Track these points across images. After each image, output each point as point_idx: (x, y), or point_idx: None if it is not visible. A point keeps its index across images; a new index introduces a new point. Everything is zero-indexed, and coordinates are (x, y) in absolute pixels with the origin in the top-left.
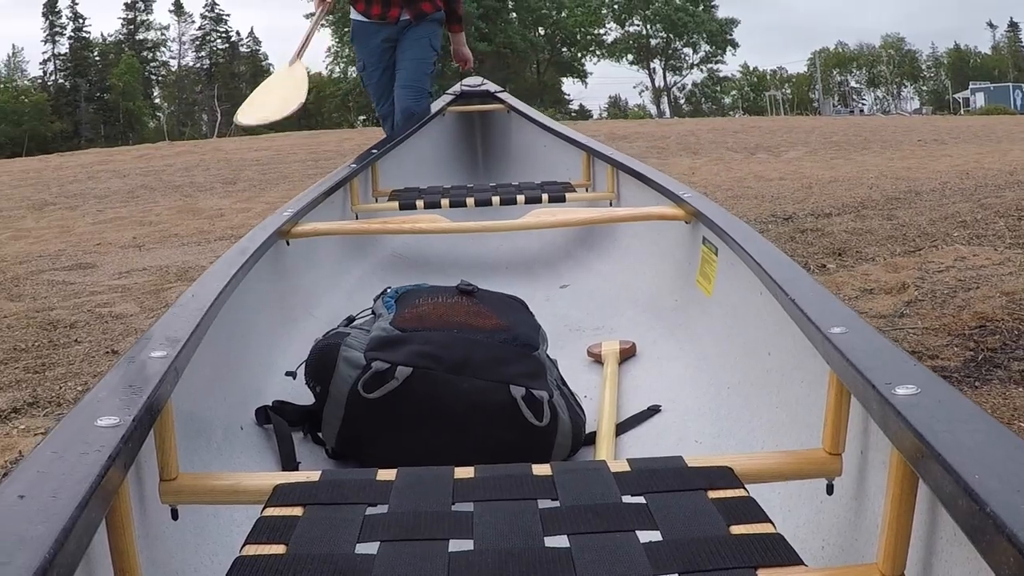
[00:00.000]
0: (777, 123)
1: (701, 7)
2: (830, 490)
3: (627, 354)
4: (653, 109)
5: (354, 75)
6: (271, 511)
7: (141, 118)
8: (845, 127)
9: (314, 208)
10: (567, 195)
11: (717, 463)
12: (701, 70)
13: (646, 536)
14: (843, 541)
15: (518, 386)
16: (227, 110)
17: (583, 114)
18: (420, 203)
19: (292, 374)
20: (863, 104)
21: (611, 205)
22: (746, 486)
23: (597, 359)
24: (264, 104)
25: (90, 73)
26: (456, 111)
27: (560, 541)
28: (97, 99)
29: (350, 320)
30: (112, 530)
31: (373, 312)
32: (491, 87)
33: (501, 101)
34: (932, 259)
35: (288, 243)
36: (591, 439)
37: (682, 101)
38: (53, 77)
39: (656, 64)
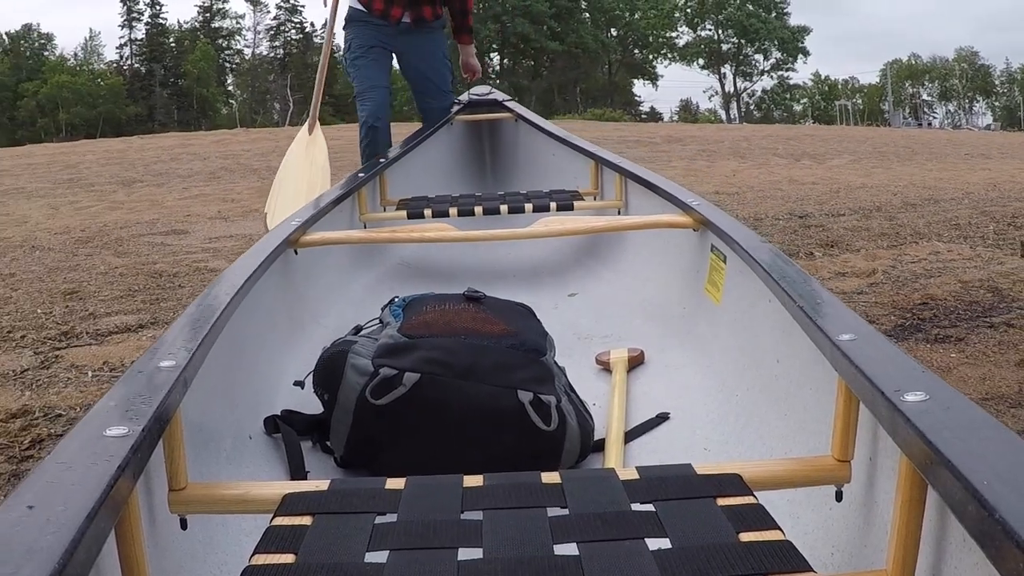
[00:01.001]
0: (834, 132)
1: (774, 14)
2: (839, 497)
3: (635, 362)
4: (724, 114)
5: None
6: (280, 520)
7: (214, 104)
8: (899, 139)
9: (322, 217)
10: (575, 203)
11: (726, 470)
12: (771, 77)
13: (655, 544)
14: (852, 548)
15: (526, 391)
16: (300, 100)
17: (654, 116)
18: (428, 212)
19: (300, 384)
20: (934, 117)
21: (619, 213)
22: (755, 493)
23: (605, 367)
24: (293, 205)
25: (165, 59)
26: (464, 120)
27: (569, 549)
28: (171, 84)
29: (358, 329)
30: (121, 540)
31: (381, 321)
32: (499, 96)
33: (509, 110)
34: (909, 252)
35: (296, 252)
36: (600, 446)
37: (752, 107)
38: (129, 62)
39: (727, 69)
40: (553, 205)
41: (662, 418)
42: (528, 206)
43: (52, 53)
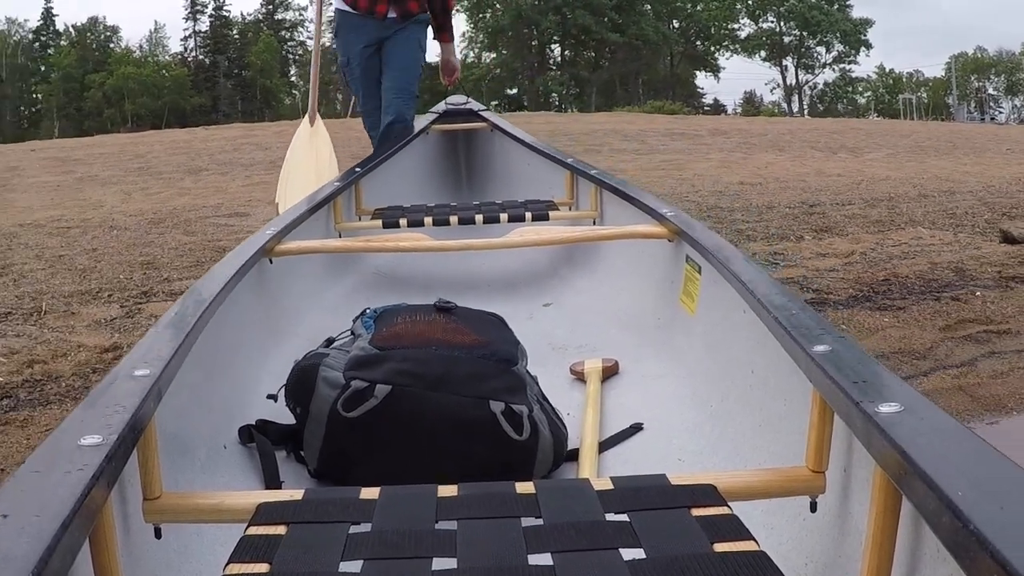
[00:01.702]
0: (881, 126)
1: (836, 6)
2: (813, 508)
3: (610, 372)
4: (787, 107)
5: (488, 60)
6: (254, 530)
7: (277, 95)
8: (945, 133)
9: (298, 226)
10: (550, 213)
11: (700, 481)
12: (833, 70)
13: (629, 554)
14: (826, 558)
15: (497, 401)
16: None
17: (717, 109)
18: (403, 221)
19: (273, 397)
20: (999, 112)
21: (595, 223)
22: (729, 504)
23: (580, 377)
24: (304, 191)
25: (229, 50)
26: (440, 129)
27: (543, 559)
28: (235, 76)
29: (330, 341)
30: (96, 548)
31: (352, 333)
32: (475, 106)
33: (484, 120)
34: (892, 237)
35: (271, 261)
36: (573, 455)
37: (816, 100)
38: (193, 53)
39: (788, 62)
40: (528, 215)
41: (636, 428)
42: (503, 216)
43: (118, 45)
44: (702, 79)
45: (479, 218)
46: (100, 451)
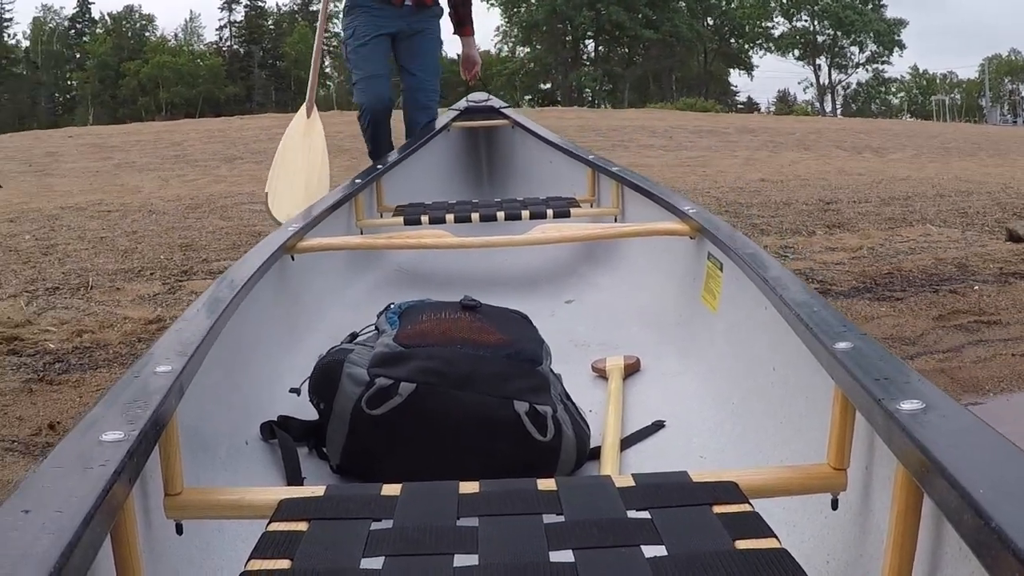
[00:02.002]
0: (909, 127)
1: (870, 6)
2: (835, 505)
3: (631, 369)
4: (820, 106)
5: (522, 54)
6: (276, 526)
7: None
8: (972, 135)
9: (319, 223)
10: (572, 210)
11: (722, 478)
12: (867, 70)
13: (651, 551)
14: (848, 556)
15: (522, 401)
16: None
17: (751, 107)
18: (425, 218)
19: (296, 391)
20: None
21: (616, 221)
22: (751, 501)
23: (601, 374)
24: (291, 190)
25: (264, 41)
26: (461, 127)
27: (565, 556)
28: (270, 66)
29: (353, 336)
30: (117, 545)
31: (376, 328)
32: (496, 103)
33: (506, 116)
34: (902, 233)
35: (293, 258)
36: (595, 454)
37: (849, 100)
38: (228, 43)
39: (822, 61)
40: (550, 212)
41: (658, 426)
42: (525, 213)
43: (153, 34)
44: (736, 77)
45: (500, 215)
46: (122, 447)
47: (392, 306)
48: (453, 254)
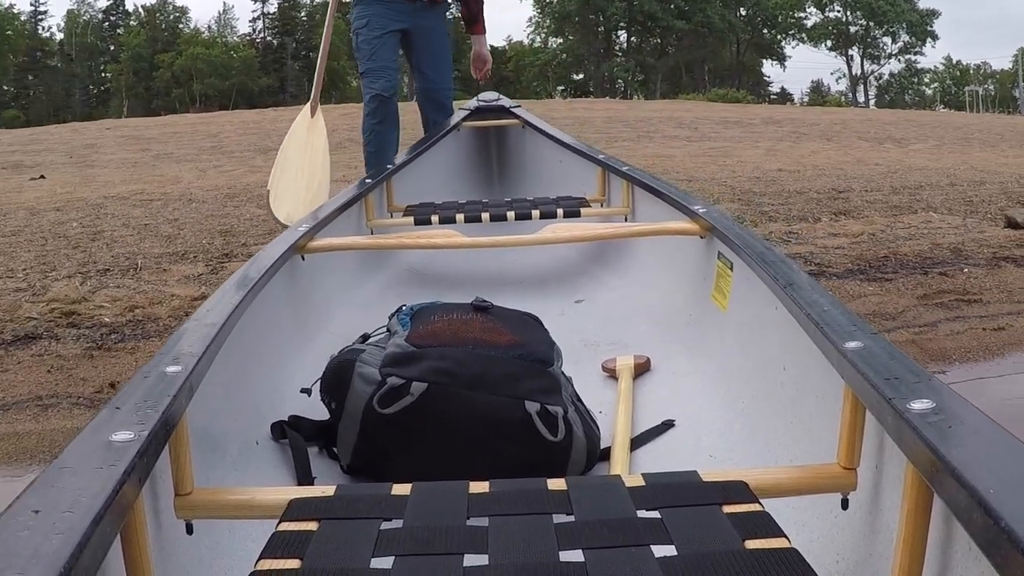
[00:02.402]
0: (936, 118)
1: None
2: (845, 505)
3: (641, 369)
4: (853, 97)
5: (554, 45)
6: (286, 526)
7: (344, 77)
8: (997, 126)
9: (330, 223)
10: (582, 210)
11: (732, 478)
12: (899, 60)
13: (661, 551)
14: (858, 556)
15: (533, 402)
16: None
17: (784, 97)
18: (435, 218)
19: (307, 391)
20: None
21: (626, 220)
22: (761, 501)
23: (612, 374)
24: (293, 189)
25: (297, 32)
26: (471, 126)
27: (575, 556)
28: (303, 57)
29: (365, 337)
30: (127, 544)
31: (388, 329)
32: (506, 102)
33: (516, 116)
34: (904, 220)
35: (303, 258)
36: (606, 454)
37: (882, 91)
38: (261, 35)
39: (854, 51)
40: (560, 212)
41: (668, 425)
42: (535, 212)
43: (187, 26)
44: (768, 67)
45: (511, 215)
46: (132, 447)
47: (404, 307)
48: (463, 254)
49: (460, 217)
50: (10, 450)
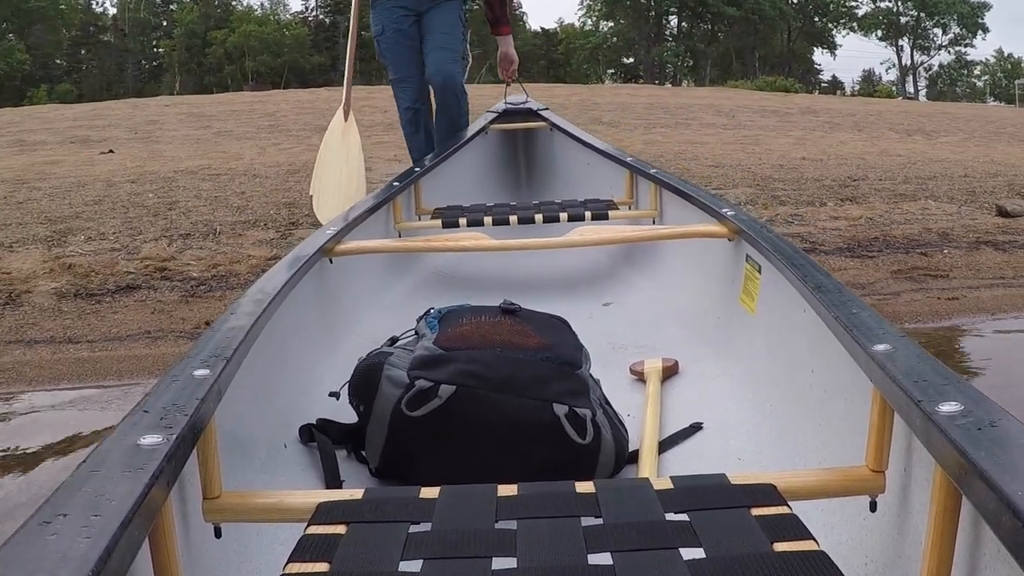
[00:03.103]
0: (974, 111)
1: None
2: (873, 507)
3: (670, 372)
4: (905, 87)
5: (605, 28)
6: (314, 529)
7: None
8: None
9: (357, 226)
10: (610, 213)
11: (760, 480)
12: (949, 52)
13: (689, 553)
14: (886, 558)
15: (561, 404)
16: (478, 55)
17: (835, 86)
18: (463, 221)
19: (336, 395)
20: None
21: (654, 223)
22: (789, 503)
23: (640, 377)
24: (333, 192)
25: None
26: (499, 129)
27: (603, 558)
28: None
29: (393, 340)
30: (155, 548)
31: (416, 332)
32: (534, 105)
33: (544, 119)
34: (903, 207)
35: (331, 261)
36: (634, 457)
37: (934, 82)
38: (314, 13)
39: (904, 42)
40: (588, 214)
41: (696, 428)
42: (563, 215)
43: (239, 3)
44: (819, 56)
45: (539, 217)
46: (160, 451)
47: (432, 310)
48: (491, 256)
49: (488, 220)
50: (132, 368)
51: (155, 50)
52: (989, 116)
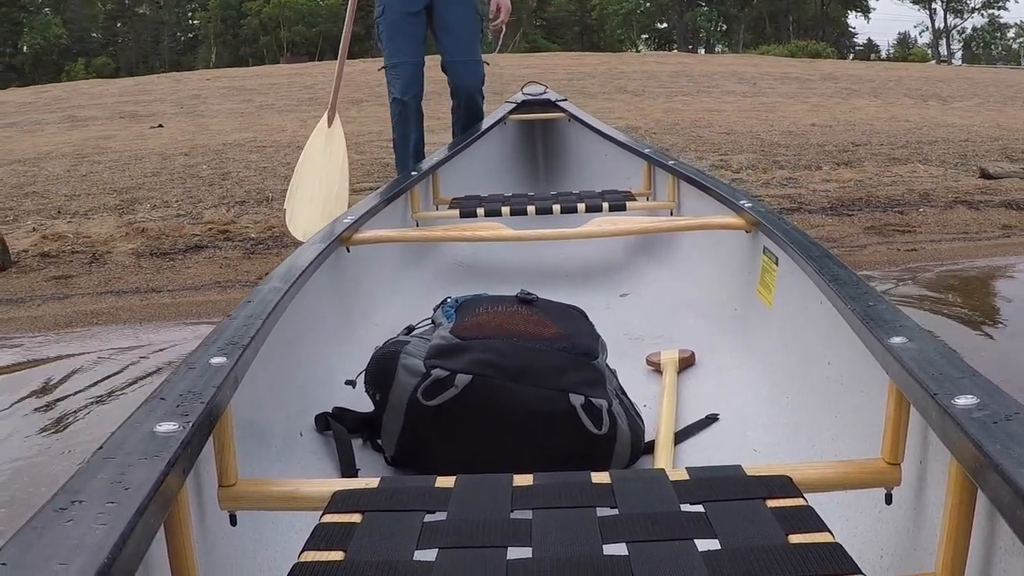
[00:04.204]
0: (997, 76)
1: None
2: (889, 500)
3: (686, 363)
4: (936, 51)
5: None
6: (330, 517)
7: None
8: None
9: (375, 215)
10: (628, 204)
11: (776, 472)
12: (982, 14)
13: (704, 545)
14: (902, 551)
15: (577, 394)
16: (511, 21)
17: (869, 50)
18: (481, 211)
19: (352, 383)
20: None
21: (672, 214)
22: (805, 495)
23: (656, 368)
24: (310, 205)
25: None
26: (517, 119)
27: (618, 549)
28: None
29: (410, 329)
30: (171, 535)
31: (433, 321)
32: (552, 95)
33: (562, 110)
34: (893, 170)
35: (349, 250)
36: (650, 448)
37: (968, 45)
38: None
39: (937, 5)
40: (605, 205)
41: (712, 419)
42: (581, 206)
43: None
44: (853, 19)
45: (556, 208)
46: (176, 438)
47: (449, 300)
48: (509, 247)
49: (506, 210)
50: (208, 311)
51: (190, 22)
52: (1009, 80)
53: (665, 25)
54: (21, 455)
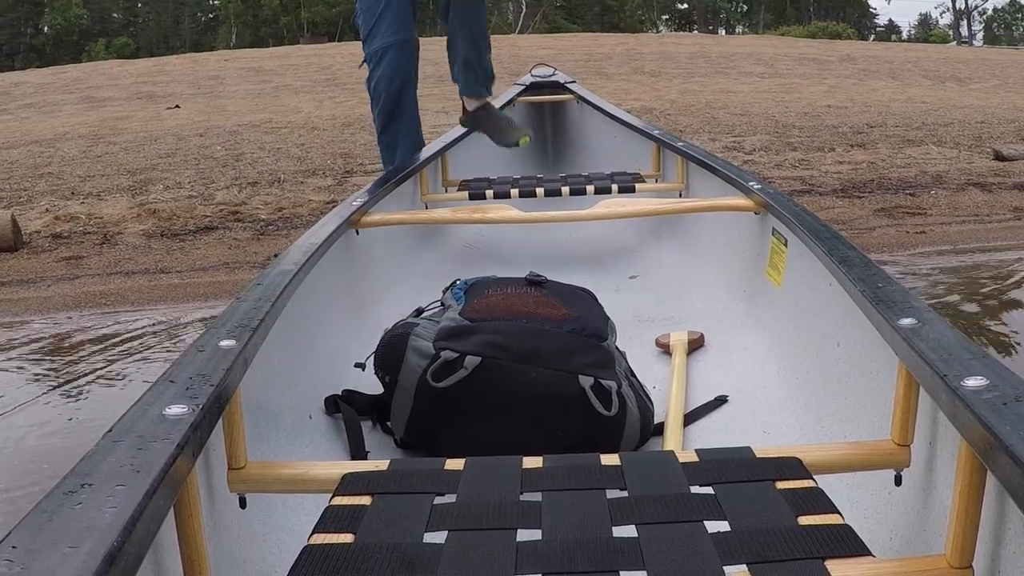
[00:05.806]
0: (1016, 58)
1: None
2: (898, 481)
3: (695, 345)
4: (961, 31)
5: None
6: (339, 500)
7: None
8: None
9: (384, 197)
10: (636, 186)
11: (785, 454)
12: None
13: (714, 526)
14: (911, 532)
15: (586, 376)
16: (532, 2)
17: (891, 30)
18: (490, 193)
19: (361, 366)
20: None
21: (681, 196)
22: (814, 477)
23: (665, 350)
24: None
25: None
26: (526, 101)
27: (628, 531)
28: None
29: (419, 311)
30: (180, 518)
31: (442, 304)
32: (561, 77)
33: (571, 92)
34: (906, 151)
35: (358, 232)
36: (659, 430)
37: (989, 25)
38: None
39: None
40: (614, 187)
41: (721, 401)
42: (590, 188)
43: None
44: (875, 0)
45: (565, 190)
46: (185, 421)
47: (458, 282)
48: (518, 229)
49: (515, 192)
50: (217, 291)
51: (210, 2)
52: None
53: (685, 6)
54: (27, 436)
